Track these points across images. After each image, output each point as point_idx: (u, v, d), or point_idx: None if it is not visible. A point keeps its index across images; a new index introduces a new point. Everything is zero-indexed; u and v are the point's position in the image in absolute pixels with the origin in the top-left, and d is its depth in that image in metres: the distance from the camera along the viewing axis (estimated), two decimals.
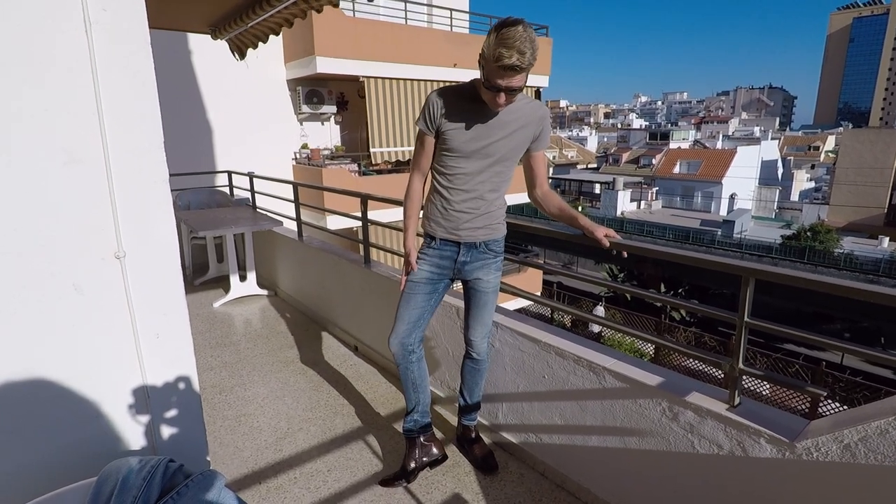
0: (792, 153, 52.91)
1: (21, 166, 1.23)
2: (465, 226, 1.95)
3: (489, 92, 1.72)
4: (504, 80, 1.65)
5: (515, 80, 1.66)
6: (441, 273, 2.04)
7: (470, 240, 1.97)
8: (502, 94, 1.69)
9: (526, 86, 1.77)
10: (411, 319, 2.06)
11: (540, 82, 11.39)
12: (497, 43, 1.59)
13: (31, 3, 1.19)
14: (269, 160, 8.81)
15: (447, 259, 2.02)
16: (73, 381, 1.39)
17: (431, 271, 2.03)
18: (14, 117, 1.20)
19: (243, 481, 2.23)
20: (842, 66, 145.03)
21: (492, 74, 1.66)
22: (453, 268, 2.02)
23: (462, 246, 1.98)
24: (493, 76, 1.66)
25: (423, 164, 1.99)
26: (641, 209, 34.55)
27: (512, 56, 1.58)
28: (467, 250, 1.99)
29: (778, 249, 21.77)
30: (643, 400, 1.82)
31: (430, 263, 2.03)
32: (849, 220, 32.57)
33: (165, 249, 1.47)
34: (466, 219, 1.94)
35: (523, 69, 1.63)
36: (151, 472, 1.10)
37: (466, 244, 1.98)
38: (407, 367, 2.12)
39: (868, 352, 1.46)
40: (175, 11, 3.41)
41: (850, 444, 1.35)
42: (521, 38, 1.58)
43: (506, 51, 1.57)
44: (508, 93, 1.69)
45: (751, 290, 1.60)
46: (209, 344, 3.73)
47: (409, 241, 2.06)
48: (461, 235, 1.96)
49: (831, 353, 15.46)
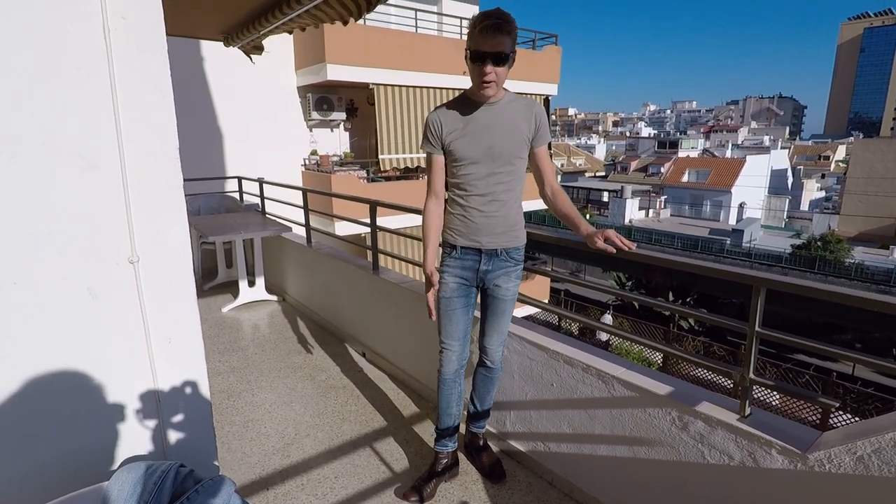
0: (802, 162, 52.54)
1: (38, 171, 1.25)
2: (486, 231, 1.95)
3: (476, 67, 1.76)
4: (488, 44, 1.70)
5: (499, 44, 1.70)
6: (467, 283, 2.03)
7: (491, 246, 1.97)
8: (489, 63, 1.73)
9: (533, 94, 1.81)
10: (459, 336, 2.06)
11: (549, 90, 11.40)
12: (478, 15, 1.72)
13: (51, 11, 1.22)
14: (279, 166, 8.88)
15: (469, 269, 2.01)
16: (85, 384, 1.40)
17: (458, 282, 2.02)
18: (32, 123, 1.23)
19: (251, 487, 2.23)
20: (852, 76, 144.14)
21: (476, 43, 1.72)
22: (476, 277, 2.02)
23: (483, 254, 1.98)
24: (477, 44, 1.72)
25: (436, 184, 2.01)
26: (650, 217, 34.40)
27: (492, 18, 1.68)
28: (489, 259, 1.98)
29: (788, 259, 21.57)
30: (652, 409, 1.81)
31: (453, 274, 2.02)
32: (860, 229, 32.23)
33: (178, 254, 1.48)
34: (486, 223, 1.94)
35: (506, 32, 1.70)
36: (162, 476, 1.11)
37: (488, 252, 1.98)
38: (455, 383, 2.12)
39: (880, 362, 1.44)
40: (190, 19, 3.46)
41: (863, 455, 1.33)
42: (500, 10, 1.71)
43: (486, 16, 1.70)
44: (495, 62, 1.73)
45: (762, 299, 1.59)
46: (218, 349, 3.75)
47: (429, 261, 2.02)
48: (483, 242, 1.96)
49: (842, 364, 15.26)
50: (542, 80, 11.15)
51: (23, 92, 1.21)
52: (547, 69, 11.25)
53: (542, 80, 11.12)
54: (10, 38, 1.17)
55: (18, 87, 1.20)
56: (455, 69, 9.69)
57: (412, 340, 3.02)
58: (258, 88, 8.59)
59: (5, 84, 1.18)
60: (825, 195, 45.46)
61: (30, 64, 1.21)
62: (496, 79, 1.77)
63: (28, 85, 1.21)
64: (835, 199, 41.97)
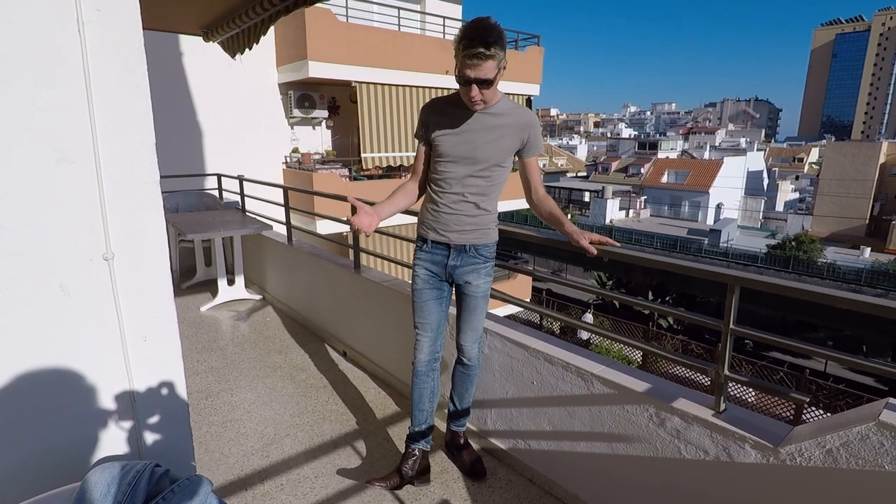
0: (777, 164, 53.81)
1: (9, 164, 1.22)
2: (455, 227, 1.97)
3: (464, 88, 1.76)
4: (472, 70, 1.69)
5: (483, 70, 1.69)
6: (437, 276, 2.06)
7: (459, 242, 1.99)
8: (474, 86, 1.73)
9: (516, 94, 1.82)
10: (433, 327, 2.09)
11: (531, 91, 11.47)
12: (463, 33, 1.67)
13: (24, 3, 1.18)
14: (259, 164, 8.77)
15: (438, 264, 2.04)
16: (57, 383, 1.37)
17: (428, 271, 2.06)
18: (4, 115, 1.19)
19: (229, 488, 2.20)
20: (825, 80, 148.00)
21: (461, 66, 1.71)
22: (445, 272, 2.04)
23: (452, 249, 2.00)
24: (462, 68, 1.71)
25: (417, 167, 2.06)
26: (630, 217, 34.86)
27: (475, 44, 1.64)
28: (457, 254, 2.00)
29: (763, 259, 22.04)
30: (631, 406, 1.83)
31: (423, 267, 2.06)
32: (832, 230, 33.14)
33: (155, 252, 1.46)
34: (455, 220, 1.97)
35: (489, 56, 1.67)
36: (137, 476, 1.08)
37: (456, 247, 2.00)
38: (427, 376, 2.12)
39: (851, 359, 1.48)
40: (168, 13, 3.40)
41: (832, 449, 1.37)
42: (486, 27, 1.66)
43: (469, 40, 1.65)
44: (480, 85, 1.73)
45: (736, 297, 1.62)
46: (196, 348, 3.69)
47: (379, 205, 1.97)
48: (451, 238, 1.98)
49: (815, 361, 15.67)
50: (525, 80, 11.21)
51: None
52: (529, 70, 11.32)
53: (524, 80, 11.18)
54: None
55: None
56: (438, 68, 9.68)
57: (394, 339, 3.01)
58: (239, 85, 8.48)
59: None
60: (799, 196, 46.62)
61: (2, 56, 1.17)
62: (483, 97, 1.78)
63: (0, 77, 1.18)
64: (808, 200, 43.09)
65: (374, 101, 9.17)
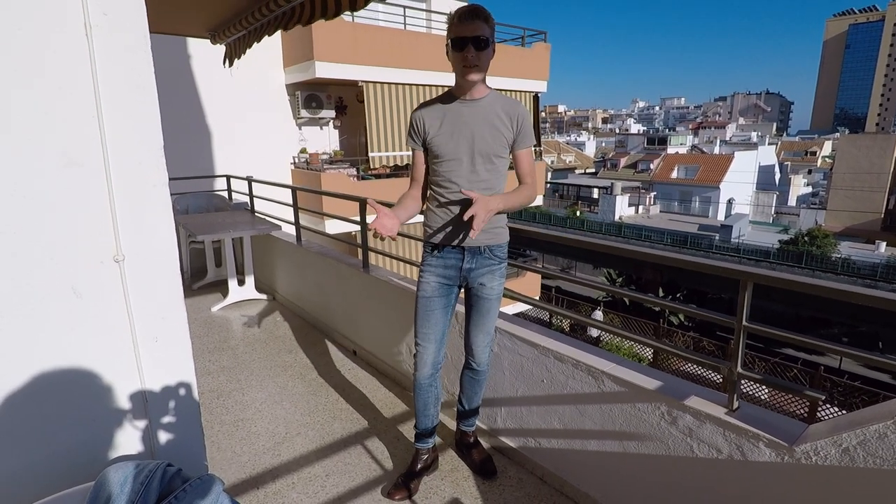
0: (789, 158, 53.11)
1: (20, 168, 1.23)
2: (468, 227, 1.94)
3: (458, 54, 1.79)
4: (468, 29, 1.75)
5: (477, 28, 1.76)
6: (449, 282, 2.01)
7: (474, 244, 1.96)
8: (470, 47, 1.76)
9: (523, 91, 1.84)
10: (435, 338, 2.04)
11: (538, 87, 11.42)
12: (454, 10, 1.80)
13: (32, 6, 1.19)
14: (268, 164, 8.82)
15: (452, 268, 2.00)
16: (70, 384, 1.38)
17: (439, 281, 2.01)
18: (13, 119, 1.20)
19: (241, 486, 2.22)
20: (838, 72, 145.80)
21: (456, 30, 1.77)
22: (459, 276, 2.01)
23: (466, 252, 1.97)
24: (457, 31, 1.77)
25: (416, 174, 2.04)
26: (639, 214, 34.60)
27: (467, 9, 1.76)
28: (472, 256, 1.97)
29: (776, 254, 21.80)
30: (642, 404, 1.82)
31: (435, 274, 2.01)
32: (846, 224, 32.66)
33: (165, 253, 1.47)
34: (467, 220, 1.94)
35: (483, 18, 1.76)
36: (149, 476, 1.09)
37: (471, 250, 1.97)
38: (430, 387, 2.11)
39: (866, 355, 1.46)
40: (175, 16, 3.42)
41: (848, 448, 1.35)
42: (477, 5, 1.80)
43: (461, 10, 1.77)
44: (476, 46, 1.76)
45: (749, 294, 1.60)
46: (207, 348, 3.72)
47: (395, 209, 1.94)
48: (465, 240, 1.95)
49: (829, 358, 15.48)
50: (532, 77, 11.16)
51: (3, 89, 1.19)
52: (536, 66, 11.27)
53: (531, 77, 11.13)
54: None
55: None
56: (445, 66, 9.64)
57: (402, 338, 3.01)
58: (246, 86, 8.52)
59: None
60: (812, 190, 46.02)
61: (11, 60, 1.18)
62: (479, 62, 1.79)
63: (9, 82, 1.19)
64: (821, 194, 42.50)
65: (381, 100, 9.18)
